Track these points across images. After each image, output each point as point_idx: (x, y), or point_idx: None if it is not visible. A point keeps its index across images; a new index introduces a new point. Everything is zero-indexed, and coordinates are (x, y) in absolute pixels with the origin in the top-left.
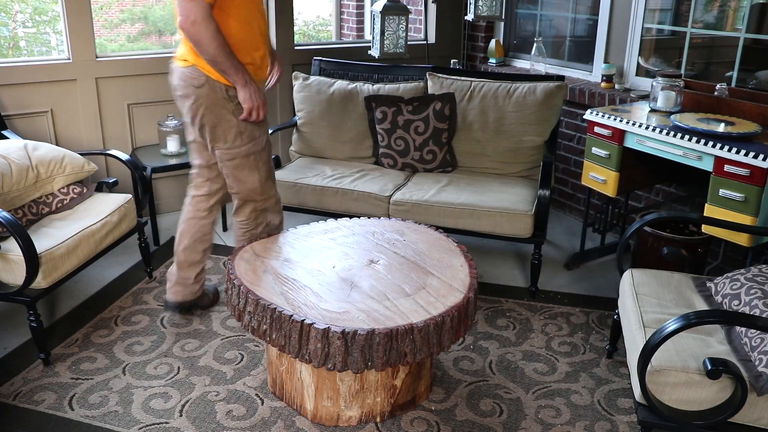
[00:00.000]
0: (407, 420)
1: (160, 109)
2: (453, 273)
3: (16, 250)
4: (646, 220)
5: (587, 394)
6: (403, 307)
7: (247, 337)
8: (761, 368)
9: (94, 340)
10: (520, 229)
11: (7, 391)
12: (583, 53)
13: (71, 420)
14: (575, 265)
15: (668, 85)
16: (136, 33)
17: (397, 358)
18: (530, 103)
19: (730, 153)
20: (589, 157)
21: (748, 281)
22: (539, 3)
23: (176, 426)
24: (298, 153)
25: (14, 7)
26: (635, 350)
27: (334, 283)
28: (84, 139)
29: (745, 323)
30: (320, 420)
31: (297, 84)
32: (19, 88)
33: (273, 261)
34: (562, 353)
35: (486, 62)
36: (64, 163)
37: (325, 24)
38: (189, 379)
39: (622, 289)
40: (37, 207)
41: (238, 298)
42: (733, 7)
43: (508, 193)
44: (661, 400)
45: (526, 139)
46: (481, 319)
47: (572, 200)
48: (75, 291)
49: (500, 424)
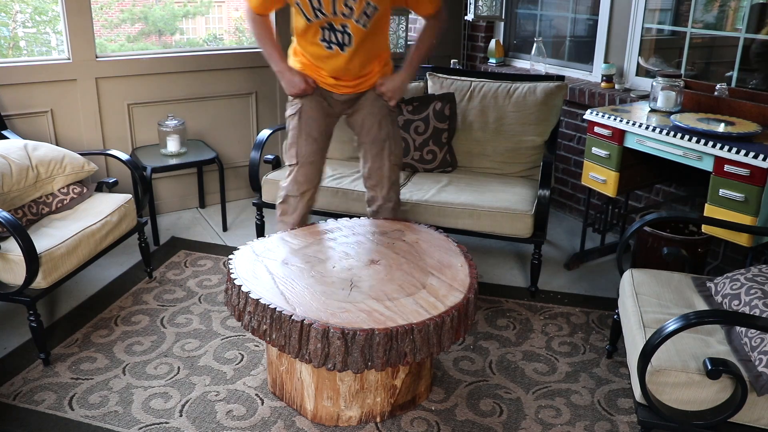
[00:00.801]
0: (407, 420)
1: (160, 109)
2: (453, 273)
3: (16, 250)
4: (646, 220)
5: (587, 394)
6: (403, 307)
7: (247, 337)
8: (761, 368)
9: (94, 340)
10: (520, 229)
11: (7, 391)
12: (583, 53)
13: (71, 420)
14: (575, 265)
15: (668, 85)
16: (136, 33)
17: (397, 358)
18: (530, 103)
19: (730, 153)
20: (589, 157)
21: (748, 281)
22: (539, 3)
23: (176, 426)
24: None
25: (14, 7)
26: (635, 350)
27: (334, 283)
28: (84, 139)
29: (745, 323)
30: (320, 420)
31: None
32: (19, 88)
33: (273, 261)
34: (562, 353)
35: (486, 62)
36: (64, 163)
37: None
38: (189, 379)
39: (622, 289)
40: (37, 207)
41: (238, 298)
42: (733, 7)
43: (508, 193)
44: (661, 400)
45: (526, 139)
46: (481, 319)
47: (572, 200)
48: (75, 291)
49: (500, 424)
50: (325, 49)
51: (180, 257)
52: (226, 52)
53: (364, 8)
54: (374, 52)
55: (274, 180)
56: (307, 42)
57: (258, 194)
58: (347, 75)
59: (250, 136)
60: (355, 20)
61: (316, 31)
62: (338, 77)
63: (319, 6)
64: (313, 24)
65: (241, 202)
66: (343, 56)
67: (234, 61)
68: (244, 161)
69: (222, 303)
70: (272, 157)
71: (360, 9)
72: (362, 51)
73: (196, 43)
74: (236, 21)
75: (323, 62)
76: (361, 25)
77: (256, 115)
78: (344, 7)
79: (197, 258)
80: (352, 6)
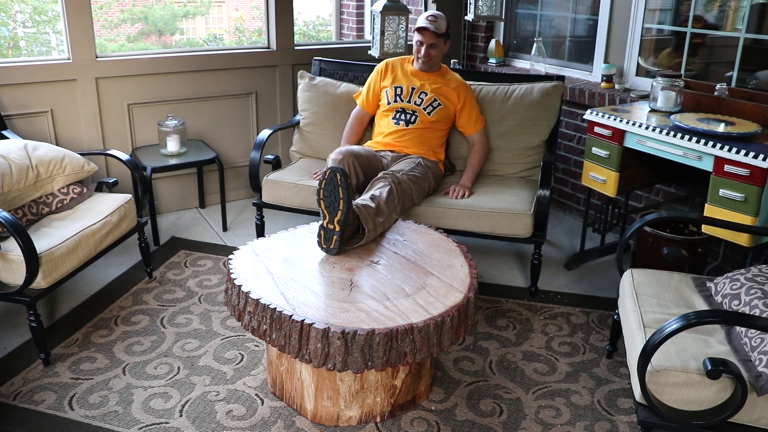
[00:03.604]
0: (407, 420)
1: (160, 109)
2: (453, 273)
3: (16, 250)
4: (646, 220)
5: (587, 394)
6: (403, 307)
7: (247, 337)
8: (761, 368)
9: (94, 340)
10: (520, 229)
11: (7, 391)
12: (583, 53)
13: (71, 420)
14: (575, 265)
15: (668, 85)
16: (136, 33)
17: (397, 358)
18: (527, 104)
19: (730, 153)
20: (589, 157)
21: (748, 281)
22: (539, 3)
23: (176, 426)
24: (299, 154)
25: (14, 7)
26: (635, 350)
27: (334, 283)
28: (84, 139)
29: (745, 323)
30: (320, 420)
31: (302, 83)
32: (19, 88)
33: (273, 261)
34: (562, 353)
35: (486, 62)
36: (64, 163)
37: (325, 24)
38: (189, 379)
39: (622, 289)
40: (37, 207)
41: (238, 298)
42: (733, 7)
43: (507, 193)
44: (661, 400)
45: (526, 140)
46: (481, 319)
47: (572, 200)
48: (75, 291)
49: (500, 424)
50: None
51: (180, 257)
52: (226, 52)
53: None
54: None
55: (274, 180)
56: (377, 130)
57: (258, 194)
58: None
59: (250, 136)
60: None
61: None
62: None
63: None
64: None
65: (241, 202)
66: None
67: (234, 61)
68: (244, 161)
69: (222, 303)
70: (272, 157)
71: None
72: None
73: (196, 43)
74: (236, 21)
75: (384, 142)
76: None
77: (256, 115)
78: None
79: (197, 258)
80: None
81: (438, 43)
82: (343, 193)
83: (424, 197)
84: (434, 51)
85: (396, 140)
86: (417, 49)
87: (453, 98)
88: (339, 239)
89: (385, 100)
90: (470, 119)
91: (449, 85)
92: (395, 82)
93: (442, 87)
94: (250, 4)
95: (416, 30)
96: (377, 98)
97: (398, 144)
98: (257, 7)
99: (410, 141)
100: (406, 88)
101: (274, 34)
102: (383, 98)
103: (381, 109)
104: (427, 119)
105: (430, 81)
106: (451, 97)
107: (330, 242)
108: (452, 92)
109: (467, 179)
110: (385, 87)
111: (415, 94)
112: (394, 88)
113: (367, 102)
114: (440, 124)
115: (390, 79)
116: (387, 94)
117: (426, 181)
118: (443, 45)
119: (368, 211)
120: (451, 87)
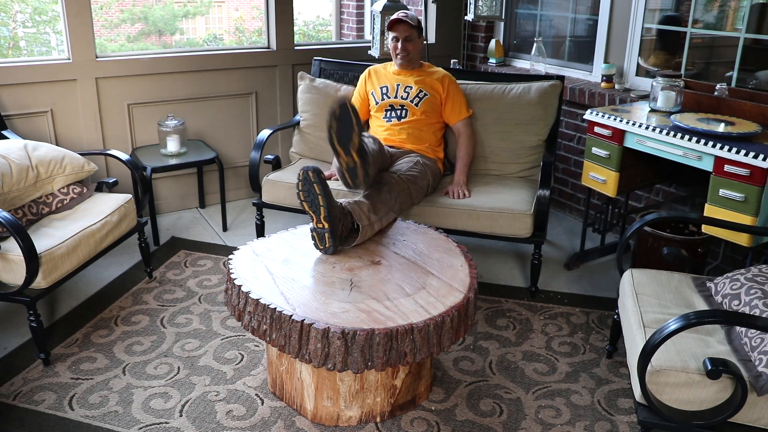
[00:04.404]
0: (407, 420)
1: (160, 109)
2: (453, 273)
3: (16, 250)
4: (646, 220)
5: (587, 394)
6: (403, 307)
7: (247, 337)
8: (761, 368)
9: (94, 340)
10: (520, 229)
11: (7, 391)
12: (583, 53)
13: (71, 420)
14: (575, 265)
15: (668, 85)
16: (136, 33)
17: (397, 358)
18: (525, 104)
19: (730, 153)
20: (589, 157)
21: (748, 281)
22: (539, 3)
23: (176, 426)
24: (298, 154)
25: (14, 7)
26: (635, 350)
27: (334, 283)
28: (84, 139)
29: (745, 323)
30: (320, 420)
31: (303, 85)
32: (19, 88)
33: (273, 261)
34: (562, 353)
35: (486, 62)
36: (64, 163)
37: (325, 24)
38: (189, 379)
39: (622, 289)
40: (37, 207)
41: (238, 298)
42: (733, 7)
43: (507, 193)
44: (661, 400)
45: (525, 140)
46: (481, 319)
47: (572, 200)
48: (75, 291)
49: (500, 424)
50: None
51: (180, 257)
52: (226, 52)
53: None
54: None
55: (274, 180)
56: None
57: (258, 194)
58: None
59: (250, 136)
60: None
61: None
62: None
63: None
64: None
65: (241, 202)
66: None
67: (234, 61)
68: (244, 161)
69: (222, 303)
70: (272, 157)
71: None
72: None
73: (196, 43)
74: (236, 21)
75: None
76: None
77: (256, 115)
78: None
79: (197, 258)
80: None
81: (413, 35)
82: (319, 188)
83: (423, 196)
84: (411, 45)
85: (392, 136)
86: (394, 46)
87: (438, 87)
88: (331, 236)
89: (373, 102)
90: (453, 108)
91: (432, 76)
92: (380, 83)
93: (426, 78)
94: (250, 4)
95: (389, 28)
96: (366, 103)
97: (396, 140)
98: (257, 7)
99: (406, 136)
100: (392, 86)
101: (274, 34)
102: (371, 100)
103: (372, 111)
104: (417, 111)
105: (413, 76)
106: (435, 87)
107: (324, 242)
108: (436, 82)
109: (460, 174)
110: (371, 90)
111: (401, 89)
112: (380, 89)
113: (359, 107)
114: (431, 115)
115: (375, 82)
116: (374, 95)
117: (424, 180)
118: (418, 39)
119: (362, 207)
120: (435, 78)
